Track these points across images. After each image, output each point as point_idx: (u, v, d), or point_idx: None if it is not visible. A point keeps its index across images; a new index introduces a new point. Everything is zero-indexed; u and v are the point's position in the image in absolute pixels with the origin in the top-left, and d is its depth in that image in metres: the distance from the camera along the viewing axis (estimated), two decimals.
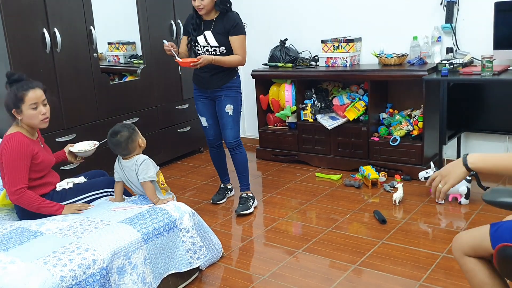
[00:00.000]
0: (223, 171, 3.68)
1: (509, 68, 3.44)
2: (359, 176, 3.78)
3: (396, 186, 3.42)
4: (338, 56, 4.14)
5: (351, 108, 4.02)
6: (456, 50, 3.79)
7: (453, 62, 3.56)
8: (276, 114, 4.44)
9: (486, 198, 1.74)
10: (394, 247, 2.78)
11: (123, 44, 4.55)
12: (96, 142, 2.89)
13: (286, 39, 4.50)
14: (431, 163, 3.37)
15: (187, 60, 3.16)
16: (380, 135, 3.96)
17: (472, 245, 1.61)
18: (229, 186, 3.73)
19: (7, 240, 2.21)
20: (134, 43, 4.56)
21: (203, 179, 4.18)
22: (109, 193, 2.77)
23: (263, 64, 4.60)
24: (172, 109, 4.57)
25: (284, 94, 4.32)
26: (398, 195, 3.33)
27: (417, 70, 3.65)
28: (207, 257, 2.55)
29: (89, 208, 2.57)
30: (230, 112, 3.32)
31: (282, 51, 4.48)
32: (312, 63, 4.34)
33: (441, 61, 3.72)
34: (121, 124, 2.69)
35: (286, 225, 3.20)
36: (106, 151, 2.90)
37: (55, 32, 3.52)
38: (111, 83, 4.12)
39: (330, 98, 4.25)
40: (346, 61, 4.11)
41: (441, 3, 3.79)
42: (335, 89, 4.31)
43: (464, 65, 3.58)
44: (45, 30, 3.47)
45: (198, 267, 2.54)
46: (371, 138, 3.93)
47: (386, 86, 4.12)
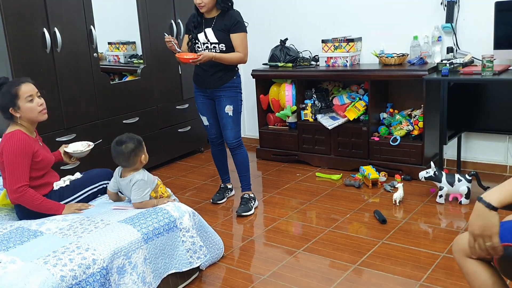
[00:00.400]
0: (223, 170, 3.68)
1: (509, 68, 3.44)
2: (359, 176, 3.78)
3: (396, 186, 3.42)
4: (339, 56, 4.13)
5: (351, 108, 4.02)
6: (456, 50, 3.79)
7: (454, 62, 3.56)
8: (276, 114, 4.43)
9: None
10: (394, 247, 2.78)
11: (123, 44, 4.55)
12: (91, 143, 2.87)
13: (287, 39, 4.50)
14: (432, 163, 3.37)
15: (188, 56, 3.14)
16: (380, 135, 3.96)
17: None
18: (229, 185, 3.73)
19: (7, 240, 2.21)
20: (134, 43, 4.56)
21: (203, 179, 4.18)
22: (106, 186, 2.72)
23: (263, 64, 4.60)
24: (172, 109, 4.57)
25: (284, 94, 4.32)
26: (398, 195, 3.33)
27: (417, 70, 3.65)
28: (207, 257, 2.55)
29: (89, 208, 2.56)
30: (230, 113, 3.31)
31: (282, 51, 4.47)
32: (313, 63, 4.34)
33: (442, 61, 3.71)
34: (129, 135, 2.57)
35: (286, 225, 3.20)
36: (105, 151, 2.89)
37: (55, 31, 3.52)
38: (111, 83, 4.12)
39: (330, 98, 4.25)
40: (347, 61, 4.10)
41: (441, 3, 3.79)
42: (335, 89, 4.31)
43: (465, 65, 3.58)
44: (45, 30, 3.47)
45: (198, 267, 2.54)
46: (371, 138, 3.93)
47: (386, 86, 4.12)
